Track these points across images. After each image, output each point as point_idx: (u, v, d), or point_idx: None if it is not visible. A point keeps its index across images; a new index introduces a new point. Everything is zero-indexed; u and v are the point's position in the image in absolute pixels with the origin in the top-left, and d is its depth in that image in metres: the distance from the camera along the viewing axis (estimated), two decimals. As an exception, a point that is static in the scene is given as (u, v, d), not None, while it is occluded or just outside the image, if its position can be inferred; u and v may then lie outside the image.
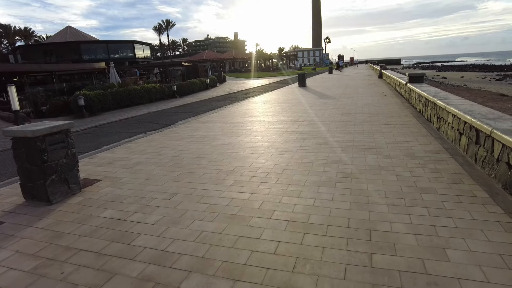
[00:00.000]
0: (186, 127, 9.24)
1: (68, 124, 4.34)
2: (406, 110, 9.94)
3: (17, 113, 12.00)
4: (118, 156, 6.35)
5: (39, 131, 3.93)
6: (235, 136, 7.51)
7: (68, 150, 4.37)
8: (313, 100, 13.85)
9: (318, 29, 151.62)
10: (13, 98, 11.77)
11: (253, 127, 8.54)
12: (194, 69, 29.66)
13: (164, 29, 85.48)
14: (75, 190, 4.46)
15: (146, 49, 56.29)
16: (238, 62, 74.47)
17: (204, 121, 9.99)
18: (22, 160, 4.13)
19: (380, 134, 6.97)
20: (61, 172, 4.26)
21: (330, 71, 42.42)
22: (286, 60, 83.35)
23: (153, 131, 9.09)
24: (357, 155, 5.48)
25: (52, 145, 4.14)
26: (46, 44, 51.52)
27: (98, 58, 44.98)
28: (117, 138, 8.52)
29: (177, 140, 7.47)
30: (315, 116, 9.63)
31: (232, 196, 4.02)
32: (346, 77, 31.37)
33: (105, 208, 3.90)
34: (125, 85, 17.24)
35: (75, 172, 4.48)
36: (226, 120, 9.89)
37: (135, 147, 7.04)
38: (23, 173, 4.20)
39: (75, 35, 50.87)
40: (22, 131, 3.94)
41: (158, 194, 4.23)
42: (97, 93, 14.17)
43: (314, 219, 3.30)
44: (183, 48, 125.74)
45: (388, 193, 3.87)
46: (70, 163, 4.40)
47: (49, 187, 4.10)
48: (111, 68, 22.56)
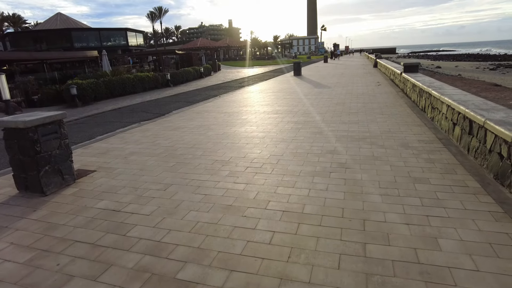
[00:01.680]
0: (180, 116, 9.18)
1: (61, 114, 4.28)
2: (400, 100, 9.97)
3: (8, 102, 11.80)
4: (112, 146, 6.30)
5: (31, 121, 3.88)
6: (230, 126, 7.48)
7: (61, 141, 4.33)
8: (308, 90, 13.81)
9: (314, 17, 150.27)
10: (3, 87, 11.55)
11: (248, 117, 8.51)
12: (188, 58, 29.32)
13: (157, 17, 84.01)
14: (69, 181, 4.44)
15: (139, 37, 55.42)
16: (232, 50, 73.72)
17: (199, 111, 9.94)
18: (15, 151, 4.08)
19: (375, 124, 7.00)
20: (55, 163, 4.23)
21: (326, 60, 42.21)
22: (281, 48, 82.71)
23: (147, 120, 9.01)
24: (351, 145, 5.50)
25: (45, 135, 4.09)
26: (36, 31, 50.39)
27: (90, 46, 44.20)
28: (111, 128, 8.45)
29: (172, 130, 7.43)
30: (310, 106, 9.62)
31: (227, 187, 4.03)
32: (341, 66, 31.27)
33: (99, 199, 3.89)
34: (118, 74, 17.00)
35: (69, 163, 4.45)
36: (220, 110, 9.84)
37: (129, 137, 6.99)
38: (16, 164, 4.15)
39: (66, 22, 49.79)
40: (14, 121, 3.88)
41: (153, 185, 4.23)
42: (89, 82, 13.96)
43: (309, 209, 3.33)
44: (176, 36, 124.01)
45: (382, 183, 3.90)
46: (63, 154, 4.36)
47: (43, 178, 4.07)
48: (103, 56, 22.20)
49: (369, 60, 40.54)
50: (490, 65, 42.20)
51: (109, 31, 50.81)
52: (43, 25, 51.21)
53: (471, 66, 44.10)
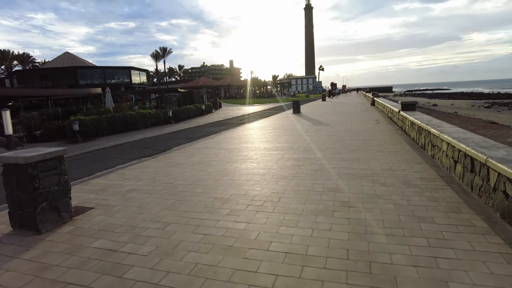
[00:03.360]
0: (181, 153, 9.19)
1: (62, 150, 4.27)
2: (399, 137, 10.03)
3: (10, 137, 11.86)
4: (111, 183, 6.24)
5: (32, 157, 3.86)
6: (230, 163, 7.46)
7: (60, 177, 4.28)
8: (308, 127, 13.96)
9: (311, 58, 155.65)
10: (7, 122, 11.67)
11: (248, 153, 8.52)
12: (190, 95, 29.96)
13: (161, 56, 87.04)
14: (66, 219, 4.33)
15: (142, 75, 56.94)
16: (233, 88, 75.59)
17: (199, 147, 9.96)
18: (12, 187, 4.03)
19: (376, 161, 6.98)
20: (52, 200, 4.15)
21: (324, 98, 43.11)
22: (280, 87, 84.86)
23: (148, 157, 9.01)
24: (353, 183, 5.45)
25: (45, 171, 4.06)
26: (42, 69, 51.91)
27: (94, 83, 45.24)
28: (111, 164, 8.42)
29: (172, 167, 7.39)
30: (310, 143, 9.66)
31: (228, 226, 3.92)
32: (339, 104, 31.87)
33: (96, 238, 3.77)
34: (120, 110, 17.27)
35: (67, 200, 4.37)
36: (221, 146, 9.87)
37: (129, 174, 6.94)
38: (13, 200, 4.08)
39: (73, 60, 51.43)
40: (15, 157, 3.87)
41: (151, 223, 4.12)
42: (92, 118, 14.15)
43: (313, 251, 3.22)
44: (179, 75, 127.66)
45: (386, 222, 3.81)
46: (62, 191, 4.29)
47: (39, 215, 3.98)
48: (106, 93, 22.68)
49: (366, 98, 41.45)
50: (485, 103, 43.09)
51: (113, 69, 52.24)
52: (51, 63, 52.83)
53: (466, 104, 45.03)
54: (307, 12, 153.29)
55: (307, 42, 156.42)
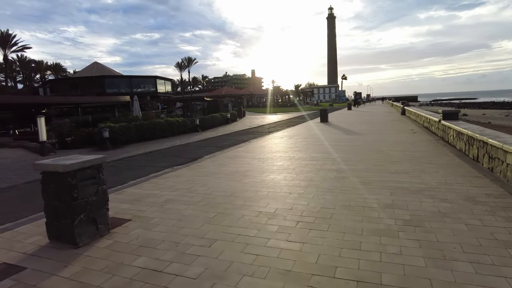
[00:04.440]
0: (213, 161, 8.88)
1: (101, 158, 4.02)
2: (443, 148, 9.34)
3: (44, 144, 12.00)
4: (146, 193, 5.97)
5: (71, 165, 3.61)
6: (266, 173, 7.07)
7: (99, 187, 4.02)
8: (339, 136, 13.41)
9: (334, 67, 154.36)
10: (41, 129, 11.82)
11: (284, 163, 8.10)
12: (214, 104, 29.98)
13: (186, 66, 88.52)
14: (103, 231, 4.05)
15: (167, 84, 57.94)
16: (255, 97, 75.66)
17: (231, 156, 9.64)
18: (50, 197, 3.79)
19: (427, 174, 6.39)
20: (90, 211, 3.88)
21: (349, 107, 42.30)
22: (303, 96, 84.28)
23: (180, 165, 8.76)
24: (409, 199, 4.92)
25: (83, 181, 3.80)
26: (72, 78, 53.91)
27: (121, 91, 46.37)
28: (143, 172, 8.21)
29: (206, 176, 7.07)
30: (348, 153, 9.13)
31: (281, 246, 3.51)
32: (366, 114, 31.01)
33: (137, 255, 3.44)
34: (148, 118, 17.32)
35: (104, 211, 4.09)
36: (253, 155, 9.50)
37: (163, 183, 6.67)
38: (50, 211, 3.84)
39: (101, 70, 53.08)
40: (53, 165, 3.63)
41: (195, 240, 3.76)
42: (121, 125, 14.18)
43: (388, 279, 2.75)
44: (202, 84, 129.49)
45: (465, 247, 3.28)
46: (100, 201, 4.02)
47: (77, 227, 3.71)
48: (134, 101, 22.98)
49: (394, 107, 40.27)
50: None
51: (140, 78, 53.43)
52: (81, 73, 54.75)
53: (499, 113, 42.94)
54: (330, 21, 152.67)
55: (329, 51, 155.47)
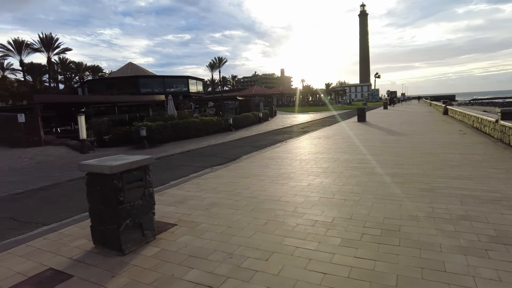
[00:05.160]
0: (252, 162, 8.52)
1: (148, 159, 3.74)
2: (506, 152, 8.42)
3: (83, 141, 12.21)
4: (188, 194, 5.69)
5: (117, 167, 3.34)
6: (312, 176, 6.59)
7: (145, 190, 3.74)
8: (382, 137, 12.63)
9: (366, 65, 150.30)
10: (82, 127, 12.03)
11: (329, 165, 7.58)
12: (246, 103, 29.77)
13: (217, 66, 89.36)
14: (149, 238, 3.77)
15: (199, 84, 58.60)
16: (285, 97, 74.97)
17: (270, 157, 9.23)
18: (95, 200, 3.55)
19: (495, 180, 5.66)
20: (136, 216, 3.61)
21: (385, 106, 40.71)
22: (335, 95, 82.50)
23: (219, 165, 8.48)
24: (486, 210, 4.27)
25: (129, 183, 3.53)
26: (109, 78, 55.83)
27: (155, 91, 47.40)
28: (183, 172, 7.98)
29: (248, 178, 6.71)
30: (397, 155, 8.45)
31: (349, 263, 3.04)
32: (404, 113, 29.59)
33: (188, 267, 3.11)
34: (183, 117, 17.31)
35: (151, 216, 3.81)
36: (294, 156, 9.04)
37: (204, 184, 6.38)
38: (95, 214, 3.61)
39: (135, 70, 54.54)
40: (99, 166, 3.38)
41: (249, 251, 3.38)
42: (158, 124, 14.21)
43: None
44: (232, 84, 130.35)
45: None
46: (146, 205, 3.75)
47: (123, 234, 3.44)
48: (169, 100, 23.18)
49: (433, 107, 38.24)
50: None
51: (172, 78, 54.38)
52: (116, 73, 56.58)
53: (555, 115, 39.48)
54: (362, 19, 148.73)
55: (361, 49, 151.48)
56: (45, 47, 60.95)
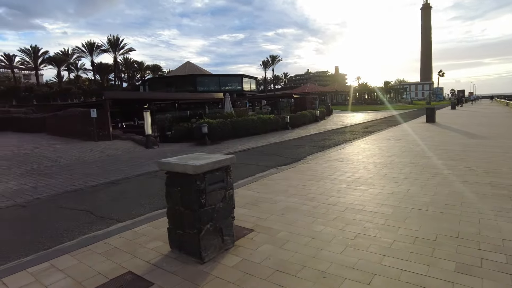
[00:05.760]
0: (319, 164, 7.98)
1: (230, 159, 3.42)
2: None
3: (149, 137, 12.59)
4: (259, 196, 5.36)
5: (201, 167, 3.06)
6: (394, 183, 5.89)
7: (226, 192, 3.43)
8: (461, 140, 11.29)
9: (428, 62, 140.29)
10: (147, 122, 12.41)
11: (409, 170, 6.78)
12: (301, 101, 29.05)
13: (270, 64, 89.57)
14: (228, 244, 3.46)
15: (252, 82, 59.01)
16: (340, 95, 72.58)
17: (338, 158, 8.61)
18: (175, 201, 3.32)
19: None
20: (217, 221, 3.32)
21: (453, 106, 37.37)
22: (394, 93, 78.05)
23: (284, 166, 8.08)
24: None
25: (211, 184, 3.24)
26: (168, 77, 58.54)
27: (211, 89, 48.63)
28: (248, 171, 7.70)
29: (320, 181, 6.21)
30: (487, 162, 7.34)
31: (482, 298, 2.43)
32: (478, 114, 26.79)
33: (278, 285, 2.72)
34: (241, 115, 17.24)
35: (230, 221, 3.50)
36: (365, 159, 8.31)
37: (273, 185, 6.01)
38: (174, 216, 3.38)
39: (192, 69, 56.47)
40: (182, 165, 3.13)
41: (345, 271, 2.91)
42: (219, 121, 14.23)
43: None
44: (284, 82, 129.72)
45: None
46: (226, 209, 3.44)
47: (203, 239, 3.16)
48: (226, 99, 23.39)
49: (510, 107, 34.24)
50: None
51: (227, 77, 55.48)
52: (174, 72, 59.10)
53: None
54: (425, 12, 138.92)
55: (423, 45, 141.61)
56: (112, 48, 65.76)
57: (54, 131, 17.78)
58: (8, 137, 18.48)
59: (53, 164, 9.82)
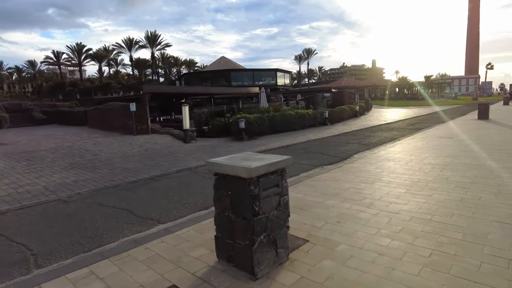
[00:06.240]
0: (369, 163, 7.35)
1: (286, 160, 2.99)
2: None
3: (187, 131, 12.47)
4: (307, 199, 4.89)
5: (256, 169, 2.65)
6: (461, 188, 5.18)
7: (281, 198, 3.01)
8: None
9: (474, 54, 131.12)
10: (186, 117, 12.28)
11: (475, 173, 6.00)
12: (339, 96, 28.02)
13: (305, 58, 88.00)
14: (282, 258, 3.05)
15: (286, 77, 58.11)
16: (379, 89, 69.79)
17: (388, 157, 7.91)
18: (225, 207, 2.95)
19: None
20: (271, 231, 2.91)
21: (506, 101, 34.51)
22: (437, 88, 73.86)
23: (330, 165, 7.54)
24: None
25: (266, 189, 2.83)
26: (203, 72, 59.28)
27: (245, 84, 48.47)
28: (291, 170, 7.18)
29: (374, 183, 5.62)
30: None
31: None
32: (537, 110, 24.42)
33: (349, 316, 2.27)
34: (278, 110, 16.76)
35: (285, 231, 3.08)
36: (419, 159, 7.56)
37: (322, 187, 5.52)
38: (222, 224, 3.01)
39: (227, 64, 56.62)
40: (233, 166, 2.74)
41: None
42: (255, 116, 13.84)
43: None
44: (318, 76, 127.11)
45: None
46: (281, 217, 3.02)
47: (256, 252, 2.77)
48: (262, 93, 22.99)
49: None
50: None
51: (261, 71, 55.01)
52: (209, 67, 59.65)
53: None
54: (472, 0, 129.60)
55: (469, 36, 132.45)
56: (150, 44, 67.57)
57: (95, 124, 18.32)
58: (54, 129, 19.32)
59: (93, 158, 9.93)
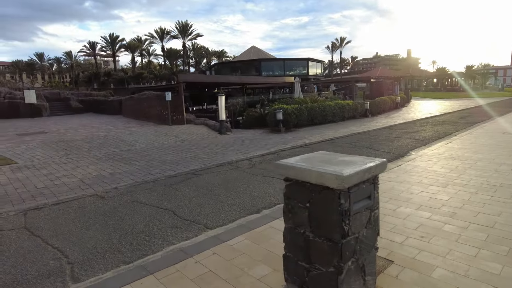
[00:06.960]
0: (431, 161, 6.50)
1: (381, 164, 2.34)
2: None
3: (223, 122, 12.00)
4: (375, 205, 4.20)
5: (350, 177, 2.01)
6: (560, 195, 4.28)
7: (371, 213, 2.37)
8: None
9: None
10: (221, 107, 11.80)
11: None
12: (378, 86, 26.54)
13: (337, 47, 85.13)
14: (370, 286, 2.42)
15: (318, 66, 56.41)
16: (415, 80, 66.34)
17: (451, 155, 6.98)
18: (300, 222, 2.34)
19: None
20: (360, 255, 2.28)
21: None
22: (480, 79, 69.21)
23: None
24: None
25: (356, 203, 2.19)
26: (233, 61, 58.78)
27: (275, 74, 47.51)
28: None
29: (446, 187, 4.82)
30: None
31: None
32: None
33: None
34: (315, 101, 15.91)
35: (374, 253, 2.44)
36: (490, 157, 6.60)
37: (386, 190, 4.78)
38: (295, 243, 2.40)
39: (258, 53, 55.70)
40: (319, 173, 2.11)
41: None
42: (293, 107, 13.11)
43: None
44: (350, 66, 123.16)
45: None
46: (370, 237, 2.38)
47: (343, 283, 2.15)
48: (296, 83, 22.13)
49: None
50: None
51: (292, 60, 53.67)
52: (240, 56, 59.02)
53: None
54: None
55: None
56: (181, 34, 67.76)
57: (129, 113, 18.31)
58: (90, 118, 19.57)
59: (129, 148, 9.67)
